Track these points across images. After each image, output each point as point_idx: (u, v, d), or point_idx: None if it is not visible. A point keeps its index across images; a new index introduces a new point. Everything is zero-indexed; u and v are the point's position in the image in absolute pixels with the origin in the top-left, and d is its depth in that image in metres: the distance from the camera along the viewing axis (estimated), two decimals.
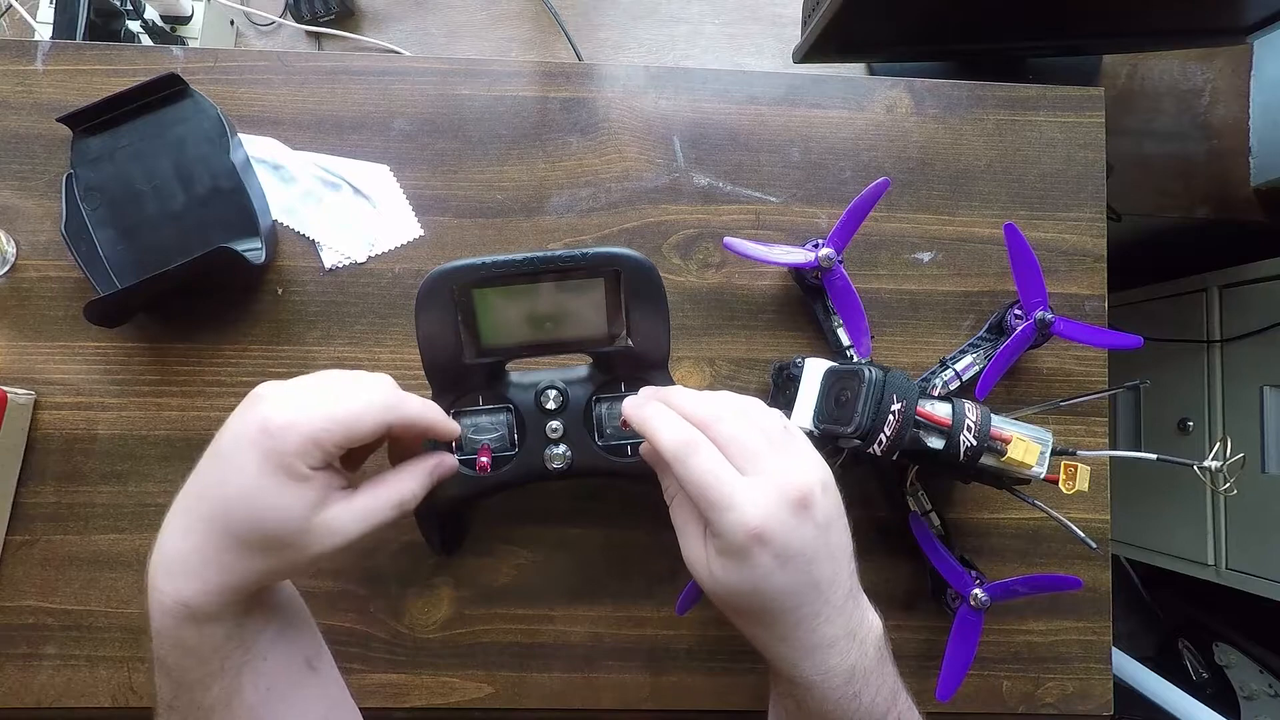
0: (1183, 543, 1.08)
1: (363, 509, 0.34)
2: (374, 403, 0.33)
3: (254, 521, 0.31)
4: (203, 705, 0.32)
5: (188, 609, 0.31)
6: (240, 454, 0.30)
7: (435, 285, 0.38)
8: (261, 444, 0.30)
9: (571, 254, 0.38)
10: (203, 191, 0.51)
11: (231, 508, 0.31)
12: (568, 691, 0.52)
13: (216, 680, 0.32)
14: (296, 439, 0.30)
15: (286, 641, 0.35)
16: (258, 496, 0.30)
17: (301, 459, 0.31)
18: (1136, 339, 0.52)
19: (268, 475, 0.30)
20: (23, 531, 0.50)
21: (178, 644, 0.31)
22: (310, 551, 0.32)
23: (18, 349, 0.52)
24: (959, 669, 0.48)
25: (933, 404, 0.43)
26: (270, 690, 0.34)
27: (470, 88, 0.55)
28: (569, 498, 0.52)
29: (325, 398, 0.32)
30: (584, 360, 0.45)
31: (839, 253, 0.50)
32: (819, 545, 0.33)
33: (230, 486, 0.31)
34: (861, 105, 0.57)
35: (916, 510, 0.51)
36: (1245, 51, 1.08)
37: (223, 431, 0.32)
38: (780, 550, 0.32)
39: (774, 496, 0.33)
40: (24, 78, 0.54)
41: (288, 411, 0.31)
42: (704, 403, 0.36)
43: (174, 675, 0.32)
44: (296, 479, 0.31)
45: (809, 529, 0.33)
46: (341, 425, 0.32)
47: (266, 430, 0.30)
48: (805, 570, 0.33)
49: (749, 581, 0.33)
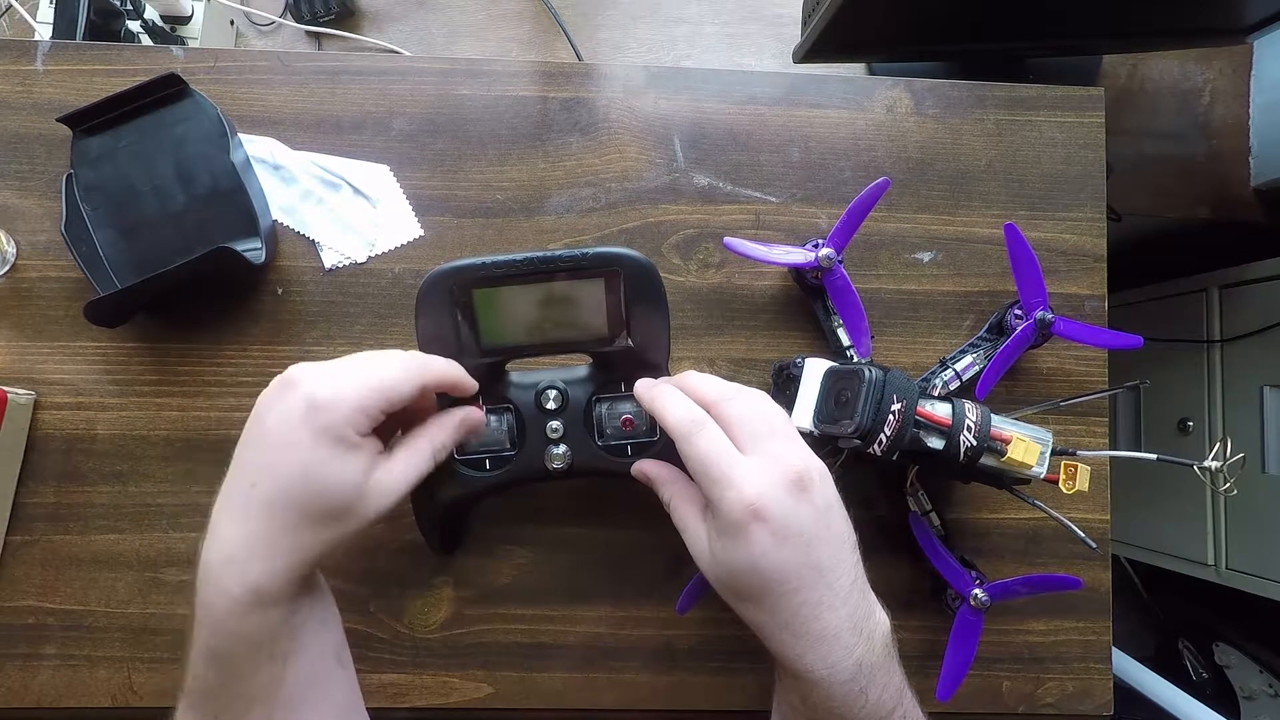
0: (1183, 543, 1.08)
1: (404, 465, 0.36)
2: (410, 367, 0.35)
3: (317, 493, 0.32)
4: (245, 694, 0.33)
5: (257, 594, 0.31)
6: (291, 433, 0.32)
7: (435, 285, 0.38)
8: (312, 420, 0.32)
9: (572, 254, 0.38)
10: (203, 191, 0.51)
11: (292, 484, 0.32)
12: (568, 691, 0.52)
13: (264, 668, 0.33)
14: (345, 409, 0.32)
15: (325, 632, 0.36)
16: (317, 469, 0.32)
17: (352, 428, 0.33)
18: (1136, 339, 0.52)
19: (324, 447, 0.32)
20: (23, 531, 0.50)
21: (238, 633, 0.32)
22: (369, 514, 0.34)
23: (18, 349, 0.52)
24: (959, 669, 0.48)
25: (933, 404, 0.43)
26: (309, 680, 0.34)
27: (470, 88, 0.55)
28: (569, 498, 0.52)
29: (361, 369, 0.34)
30: (584, 360, 0.45)
31: (839, 253, 0.50)
32: (818, 527, 0.34)
33: (287, 465, 0.32)
34: (861, 105, 0.57)
35: (916, 510, 0.51)
36: (1245, 51, 1.08)
37: (260, 419, 0.33)
38: (778, 528, 0.33)
39: (773, 474, 0.34)
40: (24, 78, 0.54)
41: (332, 385, 0.33)
42: (712, 384, 0.38)
43: (224, 665, 0.32)
44: (350, 447, 0.33)
45: (807, 509, 0.34)
46: (382, 391, 0.34)
47: (315, 405, 0.32)
48: (804, 551, 0.33)
49: (748, 559, 0.33)
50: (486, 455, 0.44)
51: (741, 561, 0.33)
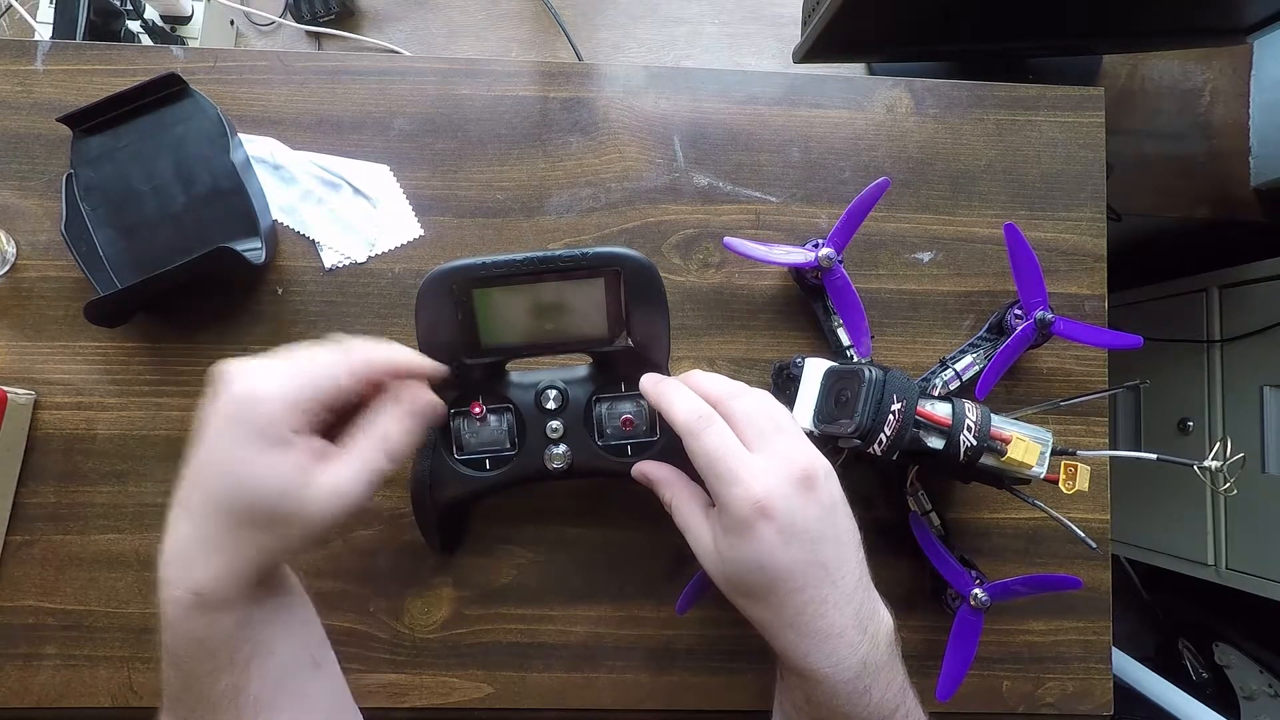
0: (1183, 543, 1.08)
1: (350, 467, 0.32)
2: (339, 357, 0.32)
3: (247, 495, 0.30)
4: (209, 699, 0.32)
5: (199, 597, 0.31)
6: (220, 433, 0.30)
7: (435, 285, 0.38)
8: (237, 416, 0.30)
9: (572, 254, 0.38)
10: (203, 191, 0.51)
11: (224, 485, 0.30)
12: (568, 691, 0.52)
13: (225, 674, 0.32)
14: (273, 404, 0.30)
15: (293, 637, 0.35)
16: (244, 469, 0.30)
17: (281, 423, 0.30)
18: (1136, 339, 0.52)
19: (249, 446, 0.30)
20: (23, 531, 0.50)
21: (188, 636, 0.31)
22: (315, 519, 0.31)
23: (18, 349, 0.52)
24: (959, 669, 0.48)
25: (933, 404, 0.43)
26: (276, 686, 0.34)
27: (470, 88, 0.55)
28: (569, 498, 0.52)
29: (293, 360, 0.32)
30: (584, 360, 0.45)
31: (839, 252, 0.50)
32: (824, 525, 0.34)
33: (218, 465, 0.30)
34: (861, 105, 0.57)
35: (916, 510, 0.51)
36: (1245, 51, 1.08)
37: (202, 417, 0.32)
38: (784, 525, 0.33)
39: (780, 472, 0.34)
40: (24, 78, 0.54)
41: (257, 379, 0.31)
42: (718, 382, 0.38)
43: (183, 668, 0.32)
44: (279, 444, 0.30)
45: (813, 507, 0.34)
46: (312, 382, 0.31)
47: (236, 400, 0.30)
48: (810, 549, 0.33)
49: (754, 556, 0.33)
50: (486, 455, 0.44)
51: (748, 559, 0.33)
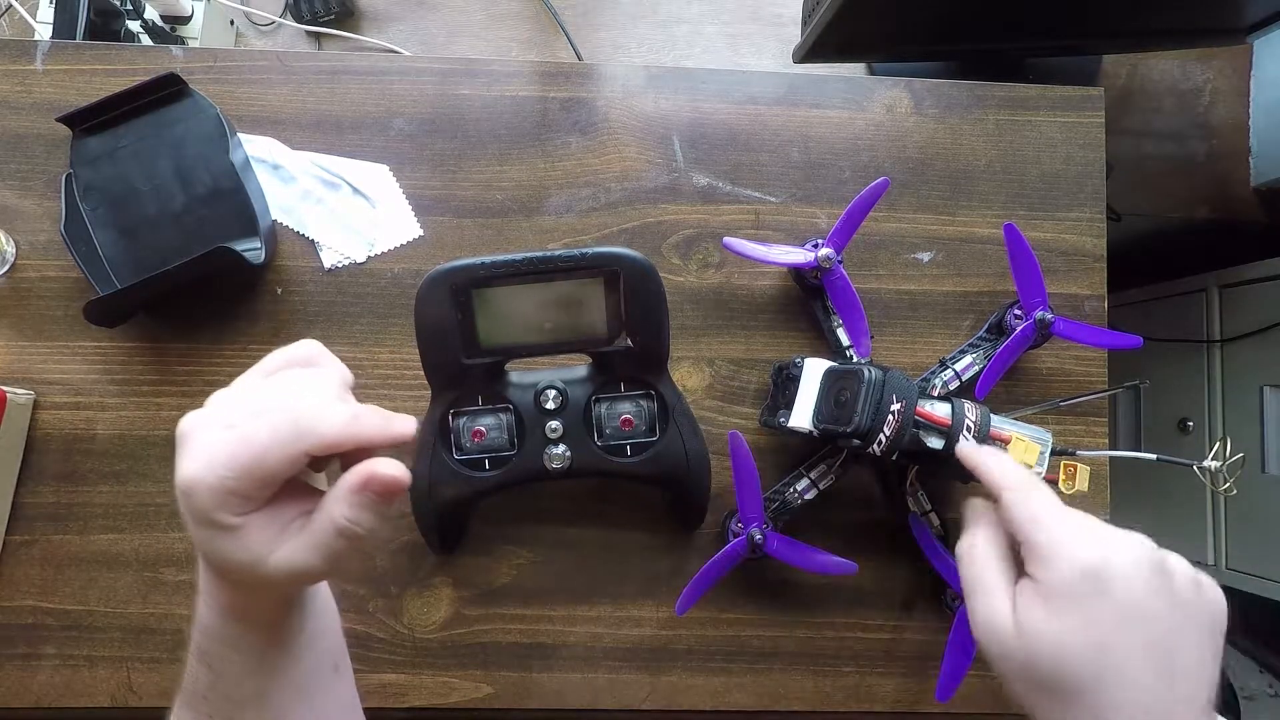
0: (1183, 543, 1.08)
1: (308, 543, 0.29)
2: (280, 432, 0.27)
3: (218, 563, 0.29)
4: (235, 699, 0.33)
5: (230, 610, 0.31)
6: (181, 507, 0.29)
7: (435, 285, 0.38)
8: (184, 503, 0.28)
9: (571, 254, 0.38)
10: (202, 191, 0.51)
11: (202, 551, 0.30)
12: (567, 691, 0.52)
13: (253, 677, 0.33)
14: (206, 495, 0.27)
15: (318, 644, 0.36)
16: (208, 545, 0.29)
17: (221, 512, 0.27)
18: (1136, 339, 0.52)
19: (203, 529, 0.28)
20: (23, 531, 0.50)
21: (221, 638, 0.32)
22: (289, 593, 0.31)
23: (18, 349, 0.52)
24: (959, 669, 0.48)
25: (932, 404, 0.43)
26: (299, 691, 0.34)
27: (470, 88, 0.55)
28: (569, 498, 0.52)
29: (230, 435, 0.28)
30: (584, 360, 0.45)
31: (839, 253, 0.50)
32: (1178, 623, 0.28)
33: (192, 532, 0.29)
34: (861, 105, 0.57)
35: (916, 510, 0.51)
36: (1245, 51, 1.08)
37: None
38: (1124, 604, 0.27)
39: (1135, 546, 0.29)
40: (24, 78, 0.54)
41: (193, 466, 0.27)
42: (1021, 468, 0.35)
43: (215, 667, 0.32)
44: (225, 531, 0.28)
45: (1166, 598, 0.28)
46: (245, 470, 0.27)
47: (179, 488, 0.28)
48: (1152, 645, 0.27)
49: (1072, 631, 0.28)
50: (486, 455, 0.44)
51: (1063, 638, 0.28)
